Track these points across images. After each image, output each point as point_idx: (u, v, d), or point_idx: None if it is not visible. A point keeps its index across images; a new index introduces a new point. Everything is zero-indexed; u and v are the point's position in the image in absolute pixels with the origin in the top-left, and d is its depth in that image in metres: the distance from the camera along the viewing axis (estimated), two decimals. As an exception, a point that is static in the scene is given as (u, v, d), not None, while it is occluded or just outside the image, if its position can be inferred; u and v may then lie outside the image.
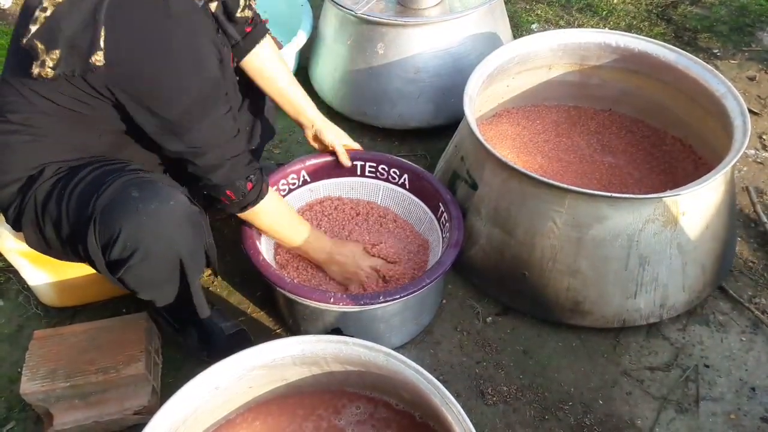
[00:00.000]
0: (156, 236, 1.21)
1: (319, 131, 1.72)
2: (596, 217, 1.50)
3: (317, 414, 1.33)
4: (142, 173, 1.28)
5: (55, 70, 1.12)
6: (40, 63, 1.11)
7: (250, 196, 1.39)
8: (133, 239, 1.20)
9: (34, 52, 1.11)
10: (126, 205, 1.19)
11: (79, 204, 1.23)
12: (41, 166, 1.28)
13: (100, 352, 1.49)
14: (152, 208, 1.20)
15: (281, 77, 1.64)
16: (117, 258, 1.22)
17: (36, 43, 1.10)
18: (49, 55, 1.11)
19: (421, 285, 1.46)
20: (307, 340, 1.23)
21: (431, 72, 2.11)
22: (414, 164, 1.77)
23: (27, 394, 1.42)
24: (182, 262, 1.29)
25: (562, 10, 2.89)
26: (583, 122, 2.10)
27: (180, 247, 1.26)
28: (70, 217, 1.25)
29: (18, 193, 1.30)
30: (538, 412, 1.52)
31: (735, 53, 2.60)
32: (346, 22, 2.16)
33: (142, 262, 1.22)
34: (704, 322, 1.68)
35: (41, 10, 1.10)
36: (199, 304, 1.44)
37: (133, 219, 1.19)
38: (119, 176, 1.24)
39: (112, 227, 1.19)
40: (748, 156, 2.14)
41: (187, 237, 1.27)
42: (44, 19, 1.10)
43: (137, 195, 1.20)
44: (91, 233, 1.21)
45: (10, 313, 1.76)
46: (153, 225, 1.20)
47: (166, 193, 1.23)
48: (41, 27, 1.10)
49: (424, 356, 1.63)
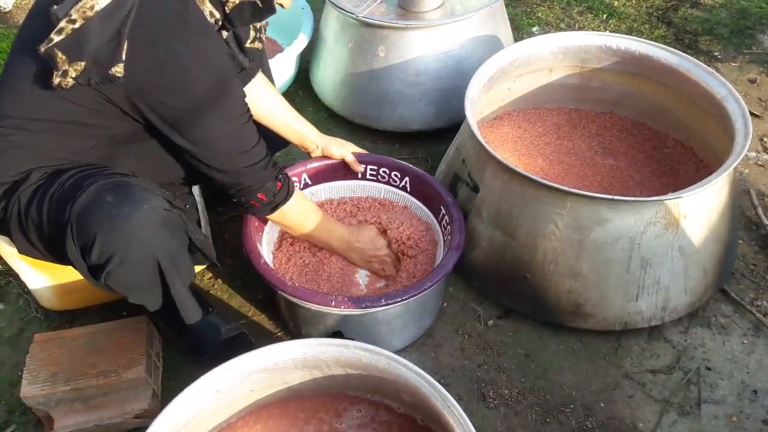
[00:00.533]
0: (129, 241, 1.21)
1: (324, 149, 1.78)
2: (597, 219, 1.49)
3: (318, 417, 1.32)
4: (119, 177, 1.28)
5: (76, 80, 1.14)
6: (61, 73, 1.14)
7: (279, 195, 1.43)
8: (108, 244, 1.19)
9: (53, 62, 1.13)
10: (99, 210, 1.20)
11: (57, 209, 1.23)
12: (28, 171, 1.28)
13: (100, 355, 1.49)
14: (125, 212, 1.20)
15: (280, 106, 1.71)
16: (96, 263, 1.22)
17: (56, 53, 1.12)
18: (73, 66, 1.13)
19: (423, 288, 1.46)
20: (308, 343, 1.23)
21: (432, 75, 2.11)
22: (415, 167, 1.77)
23: (27, 398, 1.42)
24: (160, 266, 1.28)
25: (563, 13, 2.89)
26: (584, 125, 2.10)
27: (156, 250, 1.26)
28: (51, 222, 1.25)
29: (3, 196, 1.30)
30: (540, 415, 1.51)
31: (736, 56, 2.60)
32: (347, 25, 2.17)
33: (119, 267, 1.22)
34: (706, 325, 1.68)
35: (69, 22, 1.11)
36: (184, 310, 1.41)
37: (107, 224, 1.19)
38: (96, 180, 1.24)
39: (87, 233, 1.19)
40: (749, 159, 2.14)
41: (164, 240, 1.26)
42: (71, 30, 1.12)
43: (111, 200, 1.20)
44: (69, 238, 1.21)
45: (10, 316, 1.76)
46: (127, 229, 1.20)
47: (139, 197, 1.23)
48: (66, 38, 1.12)
49: (426, 359, 1.63)
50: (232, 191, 1.38)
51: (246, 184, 1.36)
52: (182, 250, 1.34)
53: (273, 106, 1.69)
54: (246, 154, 1.33)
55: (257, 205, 1.42)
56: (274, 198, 1.42)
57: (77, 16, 1.11)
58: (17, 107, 1.24)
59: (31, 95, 1.22)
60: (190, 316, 1.44)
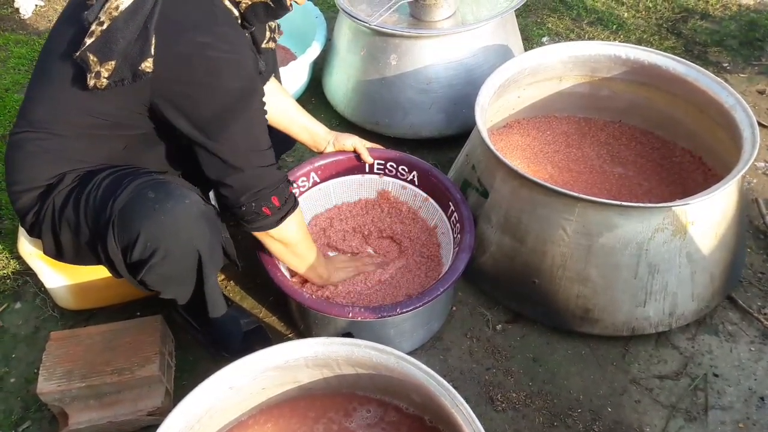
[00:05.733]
0: (175, 233, 1.24)
1: (336, 142, 1.81)
2: (606, 225, 1.51)
3: (328, 417, 1.34)
4: (155, 175, 1.31)
5: (109, 80, 1.17)
6: (94, 75, 1.17)
7: (290, 200, 1.42)
8: (153, 239, 1.22)
9: (86, 65, 1.17)
10: (143, 205, 1.22)
11: (96, 208, 1.26)
12: (62, 174, 1.31)
13: (115, 353, 1.51)
14: (168, 206, 1.22)
15: (292, 105, 1.73)
16: (138, 259, 1.24)
17: (88, 56, 1.16)
18: (104, 66, 1.16)
19: (436, 293, 1.47)
20: (319, 342, 1.25)
21: (443, 83, 2.14)
22: (424, 161, 1.81)
23: (43, 394, 1.45)
24: (200, 258, 1.31)
25: (573, 24, 2.92)
26: (593, 133, 2.12)
27: (198, 242, 1.28)
28: (89, 222, 1.27)
29: (37, 199, 1.33)
30: (547, 419, 1.52)
31: (744, 67, 2.62)
32: (360, 33, 2.20)
33: (163, 261, 1.25)
34: (713, 332, 1.69)
35: (98, 24, 1.15)
36: (212, 302, 1.45)
37: (152, 219, 1.21)
38: (134, 179, 1.27)
39: (131, 229, 1.22)
40: (757, 168, 2.15)
41: (204, 233, 1.29)
42: (100, 32, 1.15)
43: (153, 196, 1.23)
44: (111, 236, 1.23)
45: (27, 315, 1.79)
46: (171, 223, 1.22)
47: (180, 193, 1.25)
48: (96, 40, 1.15)
49: (434, 362, 1.64)
50: (245, 197, 1.34)
51: (263, 185, 1.34)
52: (218, 243, 1.36)
53: (286, 105, 1.71)
54: (263, 153, 1.34)
55: (269, 213, 1.37)
56: (286, 202, 1.40)
57: (105, 17, 1.15)
58: (50, 112, 1.27)
59: (64, 100, 1.25)
60: (217, 309, 1.47)
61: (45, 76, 1.28)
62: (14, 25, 3.09)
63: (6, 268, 1.90)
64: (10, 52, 2.85)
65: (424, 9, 2.19)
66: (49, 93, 1.26)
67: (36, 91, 1.28)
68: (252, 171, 1.32)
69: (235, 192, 1.33)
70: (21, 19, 3.13)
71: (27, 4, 3.17)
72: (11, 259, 1.93)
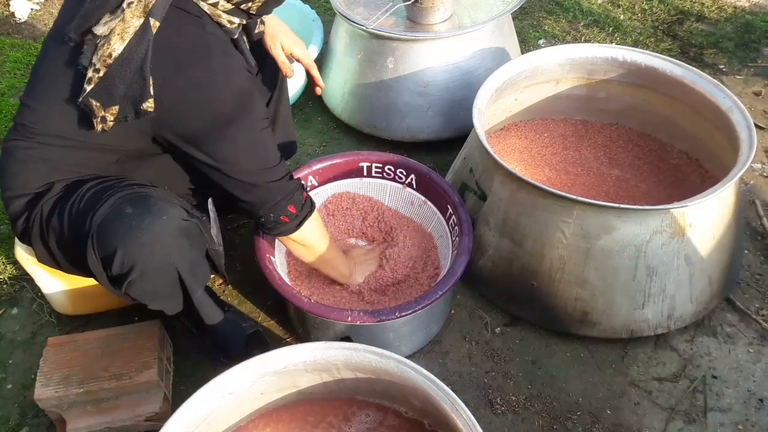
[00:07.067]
0: (151, 251, 1.22)
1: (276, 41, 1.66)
2: (604, 228, 1.51)
3: (327, 421, 1.34)
4: (138, 188, 1.30)
5: (114, 122, 1.20)
6: (100, 119, 1.19)
7: (306, 205, 1.45)
8: (129, 256, 1.21)
9: (90, 110, 1.19)
10: (120, 221, 1.21)
11: (77, 221, 1.26)
12: (51, 183, 1.32)
13: (113, 358, 1.51)
14: (146, 223, 1.21)
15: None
16: (117, 273, 1.23)
17: (91, 102, 1.18)
18: (108, 111, 1.18)
19: (435, 297, 1.47)
20: (318, 346, 1.25)
21: (440, 86, 2.14)
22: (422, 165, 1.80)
23: (41, 400, 1.44)
24: (180, 275, 1.29)
25: (569, 26, 2.92)
26: (591, 135, 2.12)
27: (176, 258, 1.27)
28: (71, 234, 1.27)
29: (27, 206, 1.33)
30: (547, 422, 1.52)
31: (741, 69, 2.62)
32: (357, 36, 2.20)
33: (141, 277, 1.23)
34: (712, 334, 1.69)
35: (94, 71, 1.16)
36: (205, 314, 1.44)
37: (128, 236, 1.20)
38: (115, 192, 1.26)
39: (108, 244, 1.21)
40: (754, 170, 2.16)
41: (183, 249, 1.27)
42: (98, 79, 1.16)
43: (131, 211, 1.22)
44: (91, 250, 1.23)
45: (24, 320, 1.78)
46: (147, 241, 1.21)
47: (158, 208, 1.24)
48: (96, 87, 1.17)
49: (433, 366, 1.64)
50: (263, 210, 1.39)
51: (277, 198, 1.37)
52: (201, 258, 1.35)
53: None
54: (273, 169, 1.35)
55: (287, 220, 1.42)
56: (302, 208, 1.43)
57: (100, 65, 1.16)
58: (42, 123, 1.27)
59: (59, 115, 1.25)
60: (211, 318, 1.46)
61: (40, 86, 1.28)
62: (10, 28, 3.09)
63: (3, 273, 1.90)
64: (5, 56, 2.84)
65: (421, 12, 2.19)
66: (44, 105, 1.27)
67: (31, 100, 1.29)
68: (266, 186, 1.35)
69: (253, 206, 1.39)
70: (17, 23, 3.13)
71: (23, 8, 3.16)
72: (8, 264, 1.92)
